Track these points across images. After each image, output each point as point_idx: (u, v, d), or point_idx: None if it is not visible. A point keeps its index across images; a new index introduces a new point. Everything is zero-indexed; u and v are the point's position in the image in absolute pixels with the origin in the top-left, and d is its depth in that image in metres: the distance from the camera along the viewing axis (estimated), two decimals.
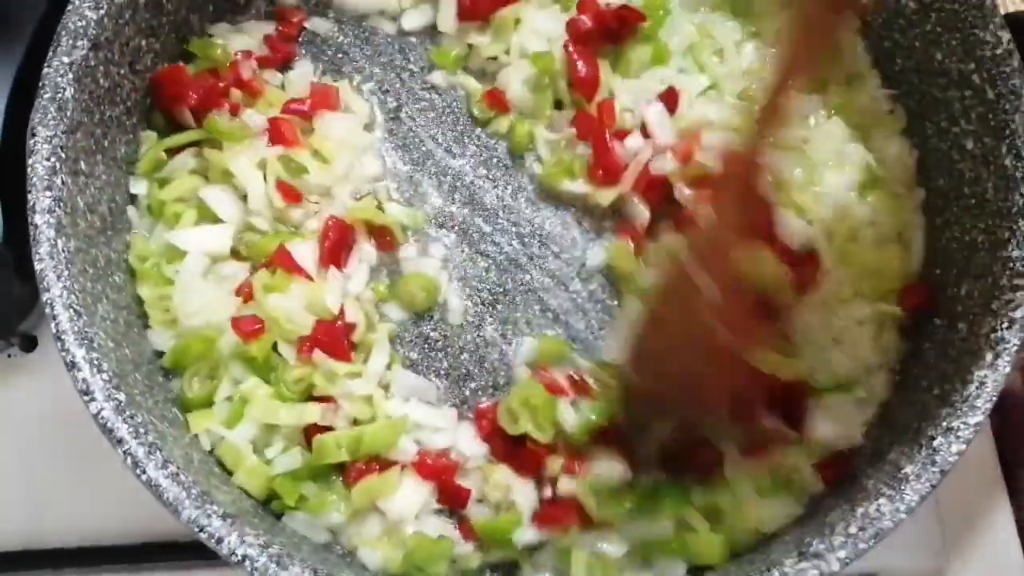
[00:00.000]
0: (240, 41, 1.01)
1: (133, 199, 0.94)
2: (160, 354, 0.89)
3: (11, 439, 1.01)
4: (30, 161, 0.80)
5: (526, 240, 0.98)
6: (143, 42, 0.92)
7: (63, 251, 0.79)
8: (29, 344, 1.04)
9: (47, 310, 0.76)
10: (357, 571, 0.82)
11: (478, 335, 0.95)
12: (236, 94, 0.96)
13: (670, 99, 0.97)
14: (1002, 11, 0.87)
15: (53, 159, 0.81)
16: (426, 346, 0.95)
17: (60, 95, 0.82)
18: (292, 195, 0.93)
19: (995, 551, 0.99)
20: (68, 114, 0.82)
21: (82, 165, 0.85)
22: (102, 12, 0.85)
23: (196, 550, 0.93)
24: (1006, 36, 0.85)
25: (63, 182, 0.81)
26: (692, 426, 0.86)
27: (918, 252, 0.94)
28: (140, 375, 0.83)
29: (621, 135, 0.97)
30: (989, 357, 0.77)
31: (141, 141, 0.95)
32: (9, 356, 1.04)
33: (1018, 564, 0.99)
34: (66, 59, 0.83)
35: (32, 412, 1.01)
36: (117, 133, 0.91)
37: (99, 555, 0.96)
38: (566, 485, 0.85)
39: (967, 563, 0.98)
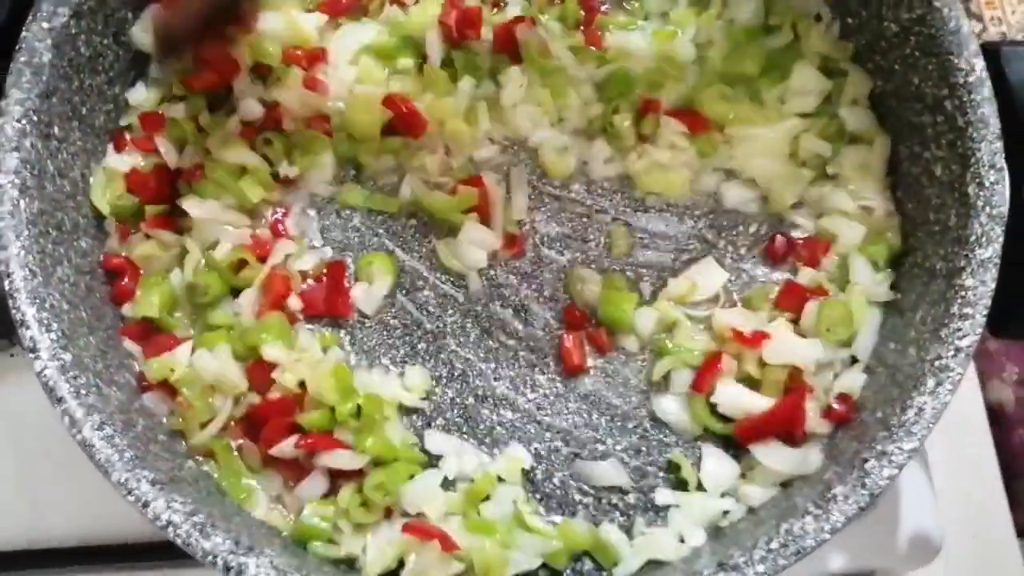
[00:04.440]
0: None
1: None
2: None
3: (12, 438, 1.01)
4: (0, 121, 0.82)
5: None
6: (129, 14, 0.93)
7: (25, 211, 0.81)
8: None
9: (1, 268, 0.78)
10: (286, 544, 0.83)
11: None
12: None
13: None
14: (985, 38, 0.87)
15: (23, 121, 0.82)
16: None
17: (36, 59, 0.84)
18: None
19: (994, 552, 0.99)
20: (44, 79, 0.84)
21: (55, 130, 0.86)
22: None
23: None
24: (979, 64, 0.84)
25: (32, 145, 0.83)
26: None
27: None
28: (95, 339, 0.85)
29: None
30: (931, 384, 0.77)
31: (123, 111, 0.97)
32: (11, 356, 1.05)
33: (1017, 565, 1.00)
34: (45, 25, 0.84)
35: (33, 411, 0.99)
36: (97, 102, 0.93)
37: (99, 555, 0.97)
38: None
39: (967, 563, 0.98)
